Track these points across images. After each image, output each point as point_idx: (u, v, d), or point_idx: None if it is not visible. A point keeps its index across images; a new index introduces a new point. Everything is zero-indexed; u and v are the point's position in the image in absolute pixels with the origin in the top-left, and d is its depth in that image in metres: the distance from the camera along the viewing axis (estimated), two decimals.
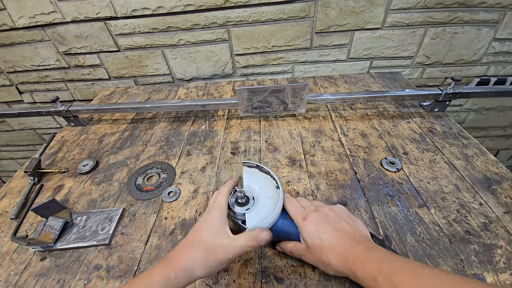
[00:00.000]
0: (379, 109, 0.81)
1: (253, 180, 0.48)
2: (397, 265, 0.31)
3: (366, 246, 0.35)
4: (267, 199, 0.44)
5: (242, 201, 0.44)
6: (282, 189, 0.43)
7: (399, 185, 0.56)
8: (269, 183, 0.47)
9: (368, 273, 0.31)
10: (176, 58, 1.04)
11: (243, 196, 0.44)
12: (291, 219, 0.42)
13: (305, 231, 0.39)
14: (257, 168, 0.49)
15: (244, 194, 0.44)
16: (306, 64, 1.05)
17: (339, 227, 0.38)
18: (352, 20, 0.91)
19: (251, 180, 0.48)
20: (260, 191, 0.46)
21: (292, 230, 0.42)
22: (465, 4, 0.87)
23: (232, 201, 0.45)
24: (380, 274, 0.30)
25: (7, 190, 0.66)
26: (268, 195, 0.45)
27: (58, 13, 0.92)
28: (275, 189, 0.44)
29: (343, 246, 0.35)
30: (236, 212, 0.44)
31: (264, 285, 0.42)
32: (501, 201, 0.51)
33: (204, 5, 0.89)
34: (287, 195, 0.45)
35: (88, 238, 0.51)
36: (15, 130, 1.37)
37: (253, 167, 0.50)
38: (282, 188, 0.43)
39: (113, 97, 1.04)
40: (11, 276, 0.47)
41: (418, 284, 0.27)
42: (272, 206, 0.43)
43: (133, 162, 0.70)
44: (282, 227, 0.42)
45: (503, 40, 0.95)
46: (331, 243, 0.36)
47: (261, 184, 0.47)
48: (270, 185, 0.46)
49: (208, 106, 0.80)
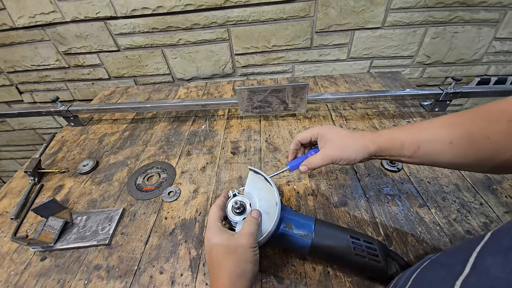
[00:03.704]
0: (379, 109, 0.81)
1: (255, 189, 0.46)
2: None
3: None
4: (265, 215, 0.42)
5: (239, 210, 0.42)
6: (280, 208, 0.40)
7: (400, 185, 0.56)
8: (270, 197, 0.43)
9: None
10: (176, 57, 1.04)
11: (239, 206, 0.42)
12: (291, 226, 0.41)
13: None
14: (263, 177, 0.46)
15: (240, 204, 0.42)
16: (306, 64, 1.05)
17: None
18: (352, 19, 0.91)
19: (253, 188, 0.46)
20: (259, 203, 0.44)
21: (292, 238, 0.41)
22: (466, 3, 0.86)
23: (229, 209, 0.43)
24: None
25: (7, 190, 0.66)
26: (266, 211, 0.42)
27: (58, 13, 0.92)
28: (274, 205, 0.41)
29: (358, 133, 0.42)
30: (232, 220, 0.42)
31: (264, 285, 0.42)
32: (501, 200, 0.51)
33: (204, 5, 0.88)
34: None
35: (88, 238, 0.51)
36: (15, 130, 1.37)
37: (259, 174, 0.47)
38: (280, 206, 0.40)
39: (113, 97, 1.04)
40: (11, 276, 0.47)
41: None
42: (267, 222, 0.41)
43: (133, 162, 0.70)
44: (282, 236, 0.41)
45: (504, 39, 0.94)
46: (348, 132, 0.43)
47: (262, 196, 0.45)
48: (271, 199, 0.43)
49: (208, 106, 0.79)
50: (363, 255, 0.39)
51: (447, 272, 0.23)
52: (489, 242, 0.22)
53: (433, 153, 0.34)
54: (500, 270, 0.19)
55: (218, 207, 0.41)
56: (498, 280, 0.18)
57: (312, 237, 0.40)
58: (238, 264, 0.34)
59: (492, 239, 0.22)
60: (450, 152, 0.32)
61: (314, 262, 0.45)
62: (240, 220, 0.42)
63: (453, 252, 0.27)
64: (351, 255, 0.39)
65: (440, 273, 0.25)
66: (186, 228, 0.52)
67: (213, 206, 0.41)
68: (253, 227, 0.37)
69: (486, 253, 0.21)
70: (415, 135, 0.35)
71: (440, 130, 0.33)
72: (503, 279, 0.18)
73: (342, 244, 0.40)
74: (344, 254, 0.39)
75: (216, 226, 0.38)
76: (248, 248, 0.35)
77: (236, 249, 0.35)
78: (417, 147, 0.35)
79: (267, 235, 0.39)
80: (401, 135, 0.37)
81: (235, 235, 0.37)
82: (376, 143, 0.38)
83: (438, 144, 0.33)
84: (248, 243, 0.35)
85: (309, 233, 0.41)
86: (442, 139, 0.33)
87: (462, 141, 0.31)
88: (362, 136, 0.40)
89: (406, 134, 0.36)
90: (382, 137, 0.38)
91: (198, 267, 0.46)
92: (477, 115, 0.31)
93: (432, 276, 0.27)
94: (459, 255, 0.23)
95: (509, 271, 0.18)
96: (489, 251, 0.21)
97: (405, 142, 0.36)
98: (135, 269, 0.46)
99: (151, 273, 0.46)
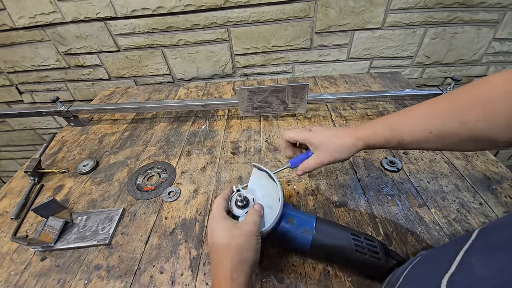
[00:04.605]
0: (379, 109, 0.81)
1: (259, 185, 0.47)
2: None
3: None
4: (267, 209, 0.43)
5: (243, 204, 0.43)
6: (283, 202, 0.42)
7: (399, 185, 0.56)
8: (273, 193, 0.45)
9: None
10: (176, 58, 1.04)
11: (243, 200, 0.43)
12: (293, 222, 0.42)
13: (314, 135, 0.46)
14: (266, 174, 0.47)
15: (244, 197, 0.43)
16: (306, 64, 1.05)
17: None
18: (352, 20, 0.91)
19: (257, 184, 0.47)
20: (262, 199, 0.45)
21: (293, 233, 0.41)
22: (465, 4, 0.87)
23: (232, 203, 0.44)
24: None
25: (7, 190, 0.66)
26: (269, 205, 0.43)
27: (58, 13, 0.92)
28: (277, 201, 0.42)
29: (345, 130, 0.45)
30: (235, 214, 0.43)
31: (264, 284, 0.42)
32: (501, 200, 0.51)
33: (204, 5, 0.89)
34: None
35: (88, 238, 0.51)
36: (15, 130, 1.37)
37: (263, 171, 0.48)
38: (282, 201, 0.42)
39: (113, 97, 1.04)
40: (12, 276, 0.47)
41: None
42: (269, 216, 0.42)
43: (134, 162, 0.70)
44: (283, 231, 0.42)
45: (503, 40, 0.95)
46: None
47: (265, 192, 0.46)
48: (274, 195, 0.44)
49: (208, 106, 0.80)
50: (364, 251, 0.39)
51: (435, 270, 0.23)
52: (476, 240, 0.22)
53: (416, 141, 0.37)
54: (485, 269, 0.19)
55: (223, 198, 0.42)
56: (482, 280, 0.18)
57: (313, 233, 0.41)
58: (241, 250, 0.35)
59: (479, 237, 0.22)
60: (432, 140, 0.35)
61: (314, 262, 0.45)
62: (243, 214, 0.42)
63: (442, 250, 0.28)
64: (352, 252, 0.39)
65: (428, 270, 0.25)
66: (186, 228, 0.52)
67: (218, 197, 0.42)
68: (256, 218, 0.39)
69: (473, 252, 0.21)
70: (397, 129, 0.38)
71: (420, 121, 0.36)
72: (487, 279, 0.18)
73: (343, 240, 0.40)
74: (344, 251, 0.40)
75: (220, 215, 0.39)
76: (251, 236, 0.36)
77: (240, 236, 0.36)
78: (401, 138, 0.38)
79: (270, 226, 0.39)
80: (384, 131, 0.40)
81: (239, 223, 0.38)
82: (362, 140, 0.42)
83: (419, 134, 0.36)
84: (252, 231, 0.36)
85: (310, 229, 0.41)
86: (422, 130, 0.36)
87: (441, 129, 0.34)
88: (349, 135, 0.43)
89: (389, 129, 0.39)
90: (367, 135, 0.41)
91: (198, 267, 0.46)
92: (452, 102, 0.34)
93: (421, 273, 0.27)
94: (448, 253, 0.23)
95: (494, 270, 0.18)
96: (475, 249, 0.21)
97: (388, 136, 0.39)
98: (135, 269, 0.46)
99: (151, 273, 0.46)
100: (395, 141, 0.38)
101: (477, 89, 0.31)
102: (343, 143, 0.43)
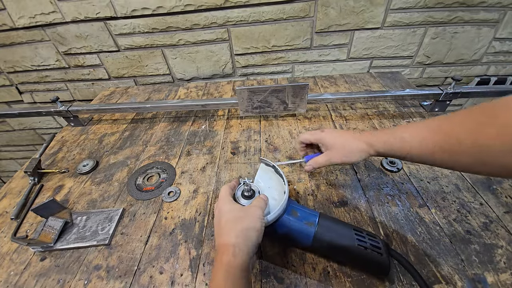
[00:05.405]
0: (379, 109, 0.81)
1: (265, 178, 0.50)
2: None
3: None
4: (272, 200, 0.45)
5: (249, 194, 0.45)
6: (288, 194, 0.44)
7: (400, 185, 0.56)
8: (279, 186, 0.47)
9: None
10: (176, 58, 1.04)
11: (249, 189, 0.45)
12: (296, 214, 0.43)
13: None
14: (273, 168, 0.50)
15: (250, 188, 0.45)
16: (306, 64, 1.05)
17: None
18: (352, 19, 0.91)
19: (263, 178, 0.50)
20: (268, 191, 0.47)
21: (296, 225, 0.42)
22: (465, 3, 0.86)
23: (238, 194, 0.46)
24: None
25: (7, 190, 0.66)
26: (273, 197, 0.46)
27: (58, 13, 0.92)
28: (282, 194, 0.45)
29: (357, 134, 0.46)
30: (242, 204, 0.44)
31: (264, 285, 0.42)
32: (501, 201, 0.51)
33: (204, 5, 0.89)
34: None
35: (88, 238, 0.51)
36: (15, 130, 1.37)
37: (270, 166, 0.51)
38: (288, 193, 0.44)
39: (113, 97, 1.04)
40: (11, 276, 0.47)
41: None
42: (273, 207, 0.44)
43: (133, 162, 0.70)
44: (287, 222, 0.42)
45: (503, 39, 0.94)
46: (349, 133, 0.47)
47: (271, 184, 0.48)
48: (279, 188, 0.47)
49: (208, 106, 0.79)
50: (366, 246, 0.39)
51: None
52: None
53: (423, 156, 0.36)
54: None
55: (230, 187, 0.45)
56: None
57: (315, 227, 0.41)
58: (245, 230, 0.36)
59: None
60: (438, 156, 0.34)
61: (314, 262, 0.45)
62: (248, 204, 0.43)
63: None
64: (354, 246, 0.39)
65: None
66: (186, 228, 0.52)
67: (225, 185, 0.45)
68: (262, 203, 0.41)
69: None
70: (406, 139, 0.38)
71: (428, 135, 0.35)
72: None
73: (345, 234, 0.41)
74: (346, 245, 0.40)
75: (228, 198, 0.42)
76: (256, 218, 0.38)
77: (245, 216, 0.38)
78: (409, 149, 0.37)
79: (275, 214, 0.41)
80: (395, 140, 0.40)
81: (245, 206, 0.40)
82: (373, 148, 0.43)
83: (428, 147, 0.35)
84: (257, 213, 0.38)
85: (313, 223, 0.42)
86: (429, 145, 0.35)
87: (450, 146, 0.32)
88: (361, 141, 0.44)
89: (399, 139, 0.39)
90: (379, 143, 0.42)
91: (198, 267, 0.46)
92: (469, 120, 0.31)
93: None
94: None
95: None
96: None
97: (397, 146, 0.39)
98: (135, 269, 0.46)
99: (151, 273, 0.46)
100: (404, 151, 0.38)
101: (499, 110, 0.28)
102: (354, 147, 0.44)
